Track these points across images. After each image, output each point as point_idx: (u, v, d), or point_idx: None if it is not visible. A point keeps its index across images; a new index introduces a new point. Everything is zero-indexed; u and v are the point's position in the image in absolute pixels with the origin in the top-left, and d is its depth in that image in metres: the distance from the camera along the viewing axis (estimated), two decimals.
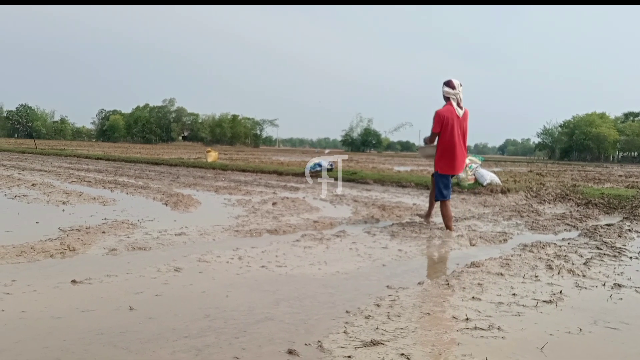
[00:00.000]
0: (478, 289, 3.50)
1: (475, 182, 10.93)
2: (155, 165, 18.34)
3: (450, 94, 6.01)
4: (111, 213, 6.30)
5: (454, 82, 6.02)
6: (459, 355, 2.37)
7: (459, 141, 6.04)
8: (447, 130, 5.97)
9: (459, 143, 6.03)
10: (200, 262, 4.05)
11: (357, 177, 13.49)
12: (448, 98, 6.04)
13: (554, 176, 16.91)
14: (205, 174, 14.37)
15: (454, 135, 5.99)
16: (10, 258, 3.87)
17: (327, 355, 2.32)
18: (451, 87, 6.00)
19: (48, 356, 2.23)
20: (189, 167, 17.49)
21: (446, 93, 6.03)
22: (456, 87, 6.01)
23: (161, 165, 18.59)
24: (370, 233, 5.64)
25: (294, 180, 13.13)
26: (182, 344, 2.41)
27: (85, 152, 26.93)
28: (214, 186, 10.51)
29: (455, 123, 5.98)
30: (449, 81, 6.03)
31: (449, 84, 6.01)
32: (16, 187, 8.93)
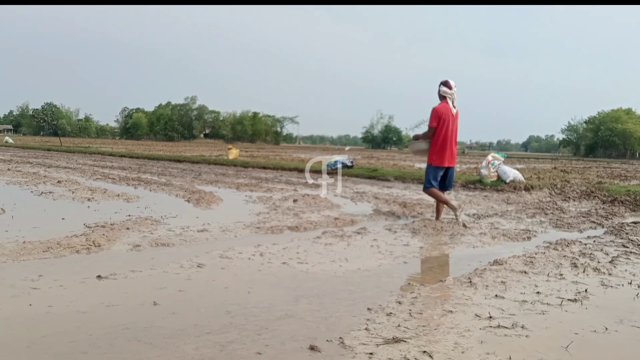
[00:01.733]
0: (501, 287, 3.46)
1: (498, 179, 10.81)
2: (178, 163, 18.53)
3: (447, 93, 6.46)
4: (135, 210, 6.39)
5: (450, 83, 6.48)
6: (482, 353, 2.36)
7: (452, 137, 6.49)
8: (443, 126, 6.42)
9: (451, 139, 6.49)
10: (223, 258, 4.08)
11: (377, 174, 13.45)
12: (444, 97, 6.49)
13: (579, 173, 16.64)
14: (226, 171, 14.47)
15: (448, 131, 6.45)
16: (37, 254, 3.96)
17: (349, 352, 2.32)
18: (448, 87, 6.45)
19: (75, 350, 2.27)
20: (211, 165, 17.64)
21: (443, 92, 6.47)
22: (452, 87, 6.46)
23: (183, 162, 18.78)
24: (392, 230, 5.63)
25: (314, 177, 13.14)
26: (206, 339, 2.43)
27: (109, 150, 27.35)
28: (235, 183, 10.59)
29: (450, 120, 6.44)
30: (446, 81, 6.49)
31: (446, 84, 6.46)
32: (42, 184, 9.11)
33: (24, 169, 12.66)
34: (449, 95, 6.46)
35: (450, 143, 6.48)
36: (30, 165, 14.65)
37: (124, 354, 2.25)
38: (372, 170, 14.27)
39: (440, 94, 6.50)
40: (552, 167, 20.96)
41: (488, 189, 10.55)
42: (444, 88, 6.46)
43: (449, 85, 6.45)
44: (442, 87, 6.46)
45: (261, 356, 2.26)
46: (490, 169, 10.91)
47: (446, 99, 6.48)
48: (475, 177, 11.72)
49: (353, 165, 14.89)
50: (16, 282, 3.23)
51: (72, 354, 2.23)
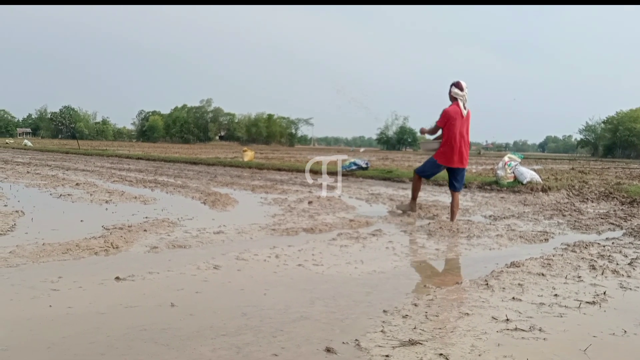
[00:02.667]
0: (518, 290, 3.44)
1: (514, 180, 10.72)
2: (194, 165, 18.66)
3: (459, 95, 6.47)
4: (152, 212, 6.45)
5: (462, 84, 6.47)
6: (499, 356, 2.34)
7: (460, 138, 6.47)
8: (452, 128, 6.41)
9: (460, 140, 6.47)
10: (239, 260, 4.11)
11: (392, 175, 13.41)
12: (455, 98, 6.49)
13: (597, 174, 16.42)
14: (241, 173, 14.54)
15: (457, 132, 6.43)
16: (56, 255, 4.02)
17: (365, 354, 2.33)
18: (459, 89, 6.45)
19: (93, 352, 2.30)
20: (226, 167, 17.74)
21: (454, 94, 6.47)
22: (464, 88, 6.46)
23: (199, 164, 18.91)
24: (407, 232, 5.61)
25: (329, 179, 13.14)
26: (222, 341, 2.45)
27: (126, 152, 27.63)
28: (250, 185, 10.64)
29: (459, 122, 6.43)
30: (458, 83, 6.48)
31: (458, 86, 6.46)
32: (61, 187, 9.23)
33: (42, 172, 12.85)
34: (460, 97, 6.47)
35: (460, 145, 6.47)
36: (49, 168, 14.86)
37: (141, 355, 2.27)
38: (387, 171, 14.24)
39: (452, 95, 6.50)
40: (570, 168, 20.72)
41: (504, 190, 10.46)
42: (455, 89, 6.46)
43: (460, 86, 6.45)
44: (454, 88, 6.47)
45: (277, 358, 2.28)
46: (507, 170, 10.82)
47: (457, 100, 6.48)
48: (492, 178, 11.64)
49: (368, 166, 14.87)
50: (36, 284, 3.28)
51: (91, 355, 2.26)
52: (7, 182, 9.86)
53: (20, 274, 3.49)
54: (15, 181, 10.16)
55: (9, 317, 2.70)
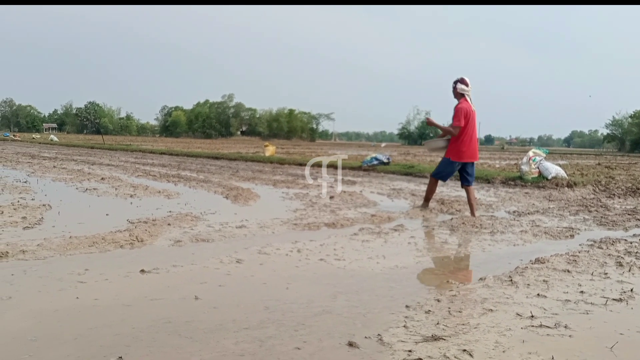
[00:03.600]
0: (543, 286, 3.39)
1: (539, 175, 10.57)
2: (216, 160, 18.80)
3: (465, 90, 6.49)
4: (175, 206, 6.52)
5: (467, 80, 6.50)
6: (523, 352, 2.32)
7: (472, 133, 6.54)
8: (468, 123, 6.45)
9: (472, 135, 6.54)
10: (261, 254, 4.13)
11: (414, 170, 13.33)
12: (462, 94, 6.50)
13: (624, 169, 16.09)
14: (263, 168, 14.61)
15: (470, 128, 6.49)
16: (83, 248, 4.09)
17: (388, 349, 2.32)
18: (465, 85, 6.49)
19: (118, 343, 2.34)
20: (248, 161, 17.83)
21: (461, 90, 6.48)
22: (469, 84, 6.49)
23: (221, 159, 19.04)
24: (429, 227, 5.58)
25: (350, 174, 13.12)
26: (245, 334, 2.47)
27: (149, 147, 27.95)
28: (272, 180, 10.67)
29: (472, 117, 6.47)
30: (463, 79, 6.51)
31: (463, 82, 6.49)
32: (87, 181, 9.39)
33: (68, 167, 13.08)
34: (467, 93, 6.50)
35: (472, 139, 6.55)
36: (74, 162, 15.12)
37: (165, 348, 2.30)
38: (409, 167, 14.15)
39: (458, 91, 6.51)
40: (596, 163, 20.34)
41: (529, 186, 10.32)
42: (461, 85, 6.48)
43: (465, 82, 6.48)
44: (460, 84, 6.49)
45: (300, 352, 2.29)
46: (532, 165, 10.67)
47: (464, 96, 6.50)
48: (516, 174, 11.49)
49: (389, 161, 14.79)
50: (64, 276, 3.35)
51: (116, 346, 2.30)
52: (34, 177, 10.06)
53: (48, 267, 3.56)
54: (42, 175, 10.36)
55: (37, 309, 2.76)
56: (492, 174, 11.97)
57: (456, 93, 6.55)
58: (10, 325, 2.52)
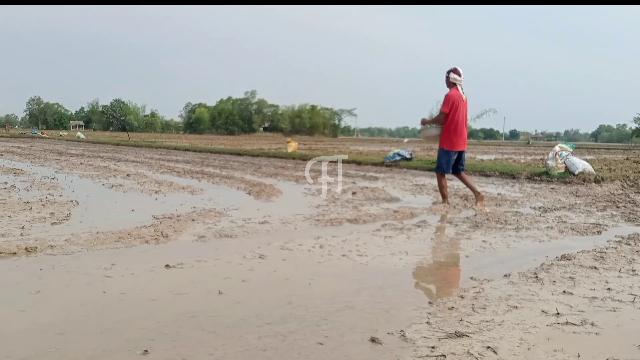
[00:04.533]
0: (569, 283, 3.34)
1: (565, 170, 10.39)
2: (238, 156, 18.93)
3: (457, 80, 6.72)
4: (199, 202, 6.59)
5: (459, 70, 6.75)
6: (549, 350, 2.28)
7: (463, 122, 6.77)
8: (456, 111, 6.67)
9: (462, 123, 6.76)
10: (283, 249, 4.15)
11: None
12: (454, 84, 6.74)
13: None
14: (285, 164, 14.65)
15: (460, 116, 6.72)
16: (109, 243, 4.16)
17: (411, 345, 2.31)
18: (458, 74, 6.73)
19: (144, 337, 2.37)
20: (270, 158, 17.91)
21: (453, 79, 6.72)
22: (461, 74, 6.74)
23: (244, 155, 19.17)
24: (453, 223, 5.53)
25: (372, 169, 13.09)
26: (267, 329, 2.48)
27: (173, 144, 28.29)
28: (294, 176, 10.70)
29: (461, 105, 6.69)
30: (456, 69, 6.76)
31: (456, 72, 6.74)
32: (113, 177, 9.55)
33: (95, 163, 13.32)
34: (458, 82, 6.73)
35: (462, 128, 6.78)
36: (101, 159, 15.38)
37: (189, 342, 2.33)
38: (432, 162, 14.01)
39: (450, 80, 6.73)
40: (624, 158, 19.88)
41: (555, 181, 10.15)
42: (454, 75, 6.71)
43: (458, 72, 6.72)
44: (452, 74, 6.72)
45: (322, 347, 2.29)
46: (558, 160, 10.50)
47: (456, 85, 6.73)
48: (542, 169, 11.31)
49: (412, 157, 14.70)
50: (91, 271, 3.41)
51: (141, 340, 2.33)
52: (62, 173, 10.27)
53: (76, 261, 3.64)
54: (69, 172, 10.57)
55: (65, 303, 2.82)
56: (517, 170, 11.81)
57: (449, 82, 6.77)
58: (38, 318, 2.58)
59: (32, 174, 9.81)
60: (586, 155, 21.81)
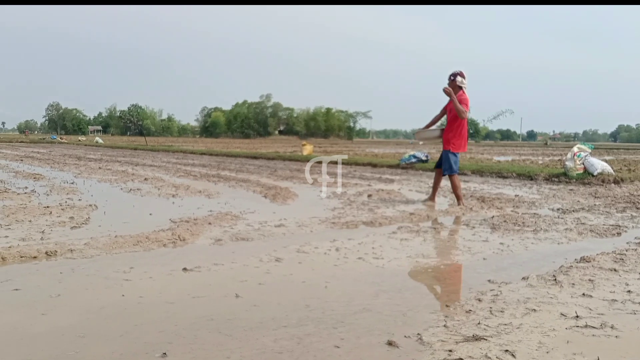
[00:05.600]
0: (589, 285, 3.29)
1: (584, 171, 10.26)
2: (254, 159, 19.00)
3: (464, 83, 6.90)
4: (216, 205, 6.63)
5: (464, 74, 6.91)
6: (568, 353, 2.26)
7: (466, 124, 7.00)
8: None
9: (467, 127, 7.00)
10: (299, 252, 4.16)
11: None
12: (460, 87, 6.87)
13: None
14: (301, 167, 14.66)
15: (466, 120, 6.94)
16: (128, 247, 4.21)
17: (428, 348, 2.30)
18: (463, 77, 6.91)
19: (162, 340, 2.39)
20: (286, 161, 17.95)
21: (460, 83, 6.87)
22: (466, 77, 6.93)
23: (259, 159, 19.23)
24: (469, 226, 5.49)
25: (388, 172, 13.05)
26: (284, 332, 2.49)
27: (190, 148, 28.50)
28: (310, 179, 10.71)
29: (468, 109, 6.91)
30: (461, 72, 6.91)
31: (462, 75, 6.90)
32: (130, 182, 9.66)
33: (113, 167, 13.47)
34: (464, 86, 6.89)
35: (466, 131, 7.02)
36: (119, 163, 15.56)
37: (206, 345, 2.35)
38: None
39: (457, 84, 6.86)
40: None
41: (574, 182, 10.03)
42: (460, 78, 6.88)
43: (463, 75, 6.91)
44: (459, 77, 6.88)
45: (338, 350, 2.29)
46: (576, 161, 10.37)
47: (462, 89, 6.88)
48: (560, 170, 11.18)
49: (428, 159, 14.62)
50: (110, 274, 3.46)
51: (160, 343, 2.35)
52: (80, 178, 10.41)
53: (95, 265, 3.69)
54: (88, 176, 10.71)
55: (85, 306, 2.86)
56: (535, 171, 11.69)
57: (454, 85, 6.88)
58: (59, 321, 2.62)
59: (52, 179, 9.97)
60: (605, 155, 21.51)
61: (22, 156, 18.94)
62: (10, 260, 3.72)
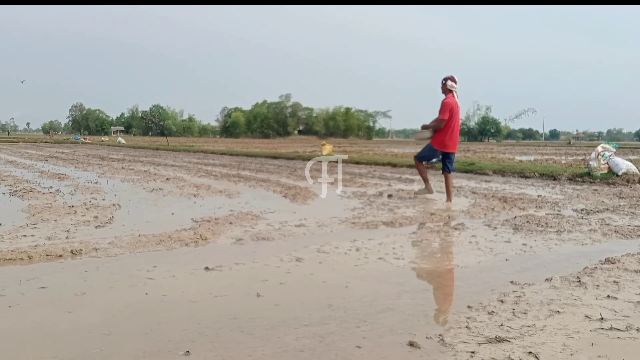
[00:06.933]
0: (614, 287, 3.24)
1: (609, 171, 10.09)
2: (274, 159, 19.07)
3: (454, 87, 7.23)
4: (236, 205, 6.68)
5: (455, 78, 7.23)
6: (593, 356, 2.23)
7: (455, 126, 7.31)
8: (452, 117, 7.22)
9: (455, 128, 7.32)
10: (320, 252, 4.17)
11: (475, 168, 13.03)
12: (450, 91, 7.24)
13: None
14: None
15: (455, 121, 7.27)
16: (151, 246, 4.27)
17: (449, 350, 2.29)
18: (454, 82, 7.22)
19: (185, 338, 2.42)
20: (305, 160, 17.95)
21: (450, 87, 7.22)
22: (457, 82, 7.24)
23: (279, 159, 19.30)
24: (491, 226, 5.44)
25: (408, 172, 12.98)
26: (306, 331, 2.51)
27: (210, 148, 28.71)
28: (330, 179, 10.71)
29: (456, 112, 7.24)
30: (452, 77, 7.23)
31: (453, 79, 7.22)
32: (153, 181, 9.77)
33: (135, 167, 13.65)
34: (454, 89, 7.23)
35: (456, 132, 7.33)
36: (141, 163, 15.75)
37: (228, 343, 2.37)
38: (469, 164, 13.84)
39: (448, 87, 7.22)
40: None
41: (598, 183, 9.87)
42: (450, 82, 7.20)
43: (454, 79, 7.21)
44: (449, 81, 7.19)
45: (360, 349, 2.30)
46: (600, 161, 10.20)
47: (452, 92, 7.23)
48: (584, 170, 11.02)
49: None
50: (133, 273, 3.51)
51: (183, 341, 2.38)
52: (104, 177, 10.57)
53: (119, 264, 3.74)
54: (111, 176, 10.87)
55: (110, 304, 2.91)
56: (558, 170, 11.54)
57: (445, 89, 7.25)
58: (85, 319, 2.67)
59: (76, 179, 10.14)
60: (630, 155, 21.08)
61: (47, 156, 19.30)
62: (36, 258, 3.80)
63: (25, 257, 3.79)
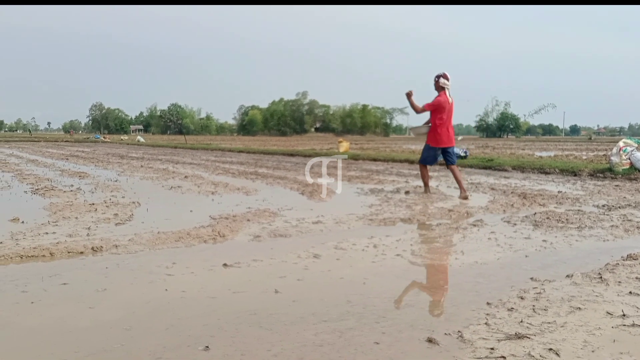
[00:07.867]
0: (636, 284, 3.19)
1: (630, 167, 9.92)
2: (291, 157, 19.12)
3: (446, 84, 7.41)
4: (254, 202, 6.71)
5: (448, 75, 7.42)
6: (614, 352, 2.20)
7: (448, 122, 7.48)
8: (441, 114, 7.39)
9: (447, 124, 7.48)
10: (337, 249, 4.17)
11: (493, 164, 12.91)
12: (443, 88, 7.42)
13: None
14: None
15: (445, 118, 7.43)
16: (170, 243, 4.31)
17: (469, 346, 2.28)
18: (446, 79, 7.40)
19: (205, 334, 2.44)
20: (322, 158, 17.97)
21: (443, 84, 7.40)
22: (449, 79, 7.42)
23: (296, 156, 19.34)
24: (510, 222, 5.38)
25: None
26: (325, 326, 2.51)
27: (228, 146, 28.89)
28: (346, 176, 10.71)
29: (447, 108, 7.41)
30: (445, 74, 7.41)
31: (445, 77, 7.40)
32: (171, 179, 9.86)
33: (154, 166, 13.79)
34: (447, 87, 7.41)
35: (448, 128, 7.48)
36: (160, 162, 15.91)
37: (247, 338, 2.39)
38: (488, 160, 13.72)
39: (440, 85, 7.40)
40: None
41: (619, 178, 9.71)
42: (443, 80, 7.38)
43: (447, 77, 7.40)
44: (442, 79, 7.38)
45: (379, 345, 2.29)
46: (622, 156, 10.04)
47: (444, 90, 7.42)
48: (605, 165, 10.85)
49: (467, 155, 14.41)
50: (153, 269, 3.55)
51: (203, 336, 2.40)
52: (124, 176, 10.70)
53: (139, 260, 3.79)
54: (130, 175, 11.00)
55: (130, 300, 2.95)
56: (579, 166, 11.38)
57: (438, 86, 7.44)
58: (106, 315, 2.71)
59: (96, 177, 10.28)
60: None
61: (68, 155, 19.59)
62: (58, 255, 3.87)
63: (47, 254, 3.86)
